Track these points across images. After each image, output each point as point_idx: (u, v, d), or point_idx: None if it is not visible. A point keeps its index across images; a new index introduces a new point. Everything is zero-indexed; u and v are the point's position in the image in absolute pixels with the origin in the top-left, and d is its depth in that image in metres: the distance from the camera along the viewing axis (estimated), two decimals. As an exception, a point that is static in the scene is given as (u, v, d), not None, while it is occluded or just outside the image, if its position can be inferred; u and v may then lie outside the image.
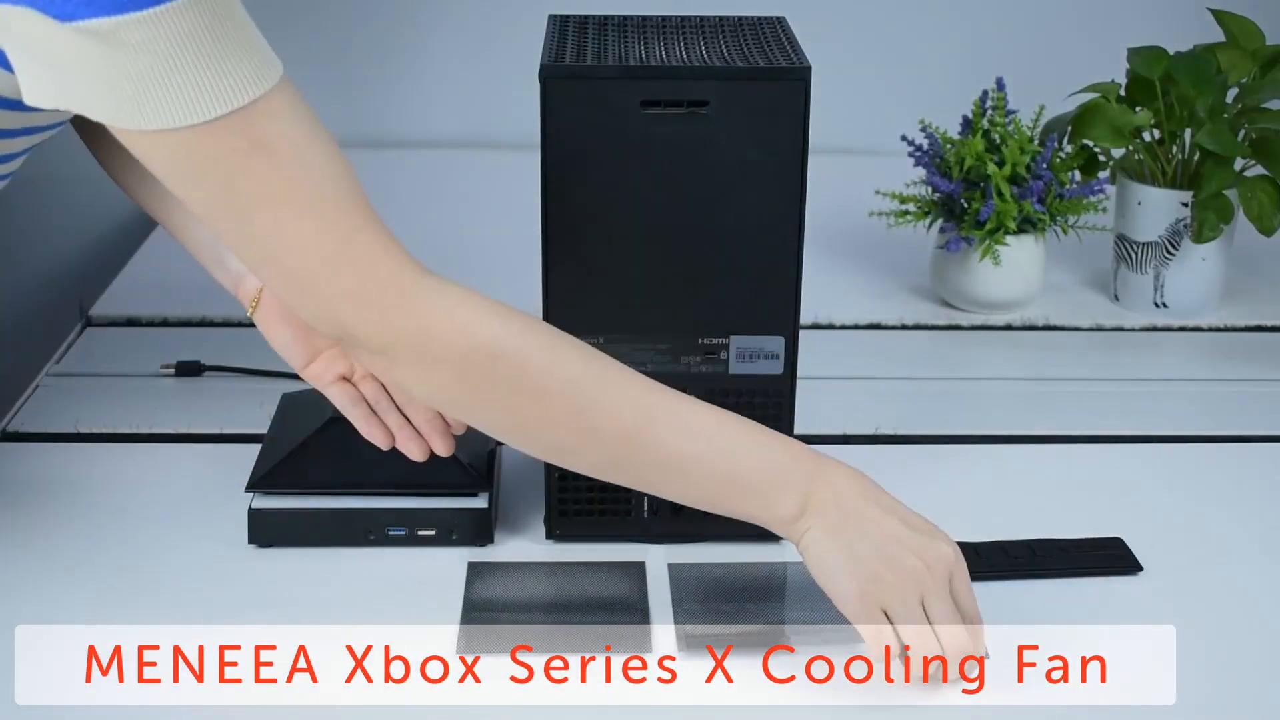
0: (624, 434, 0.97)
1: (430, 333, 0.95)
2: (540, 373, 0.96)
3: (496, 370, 0.96)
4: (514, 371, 0.96)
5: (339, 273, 0.93)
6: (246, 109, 0.89)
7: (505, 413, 0.98)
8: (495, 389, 0.96)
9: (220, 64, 0.88)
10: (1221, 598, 1.11)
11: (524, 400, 0.97)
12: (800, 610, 1.08)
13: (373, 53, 2.03)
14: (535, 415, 0.97)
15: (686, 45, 1.12)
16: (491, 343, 0.95)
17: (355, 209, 0.94)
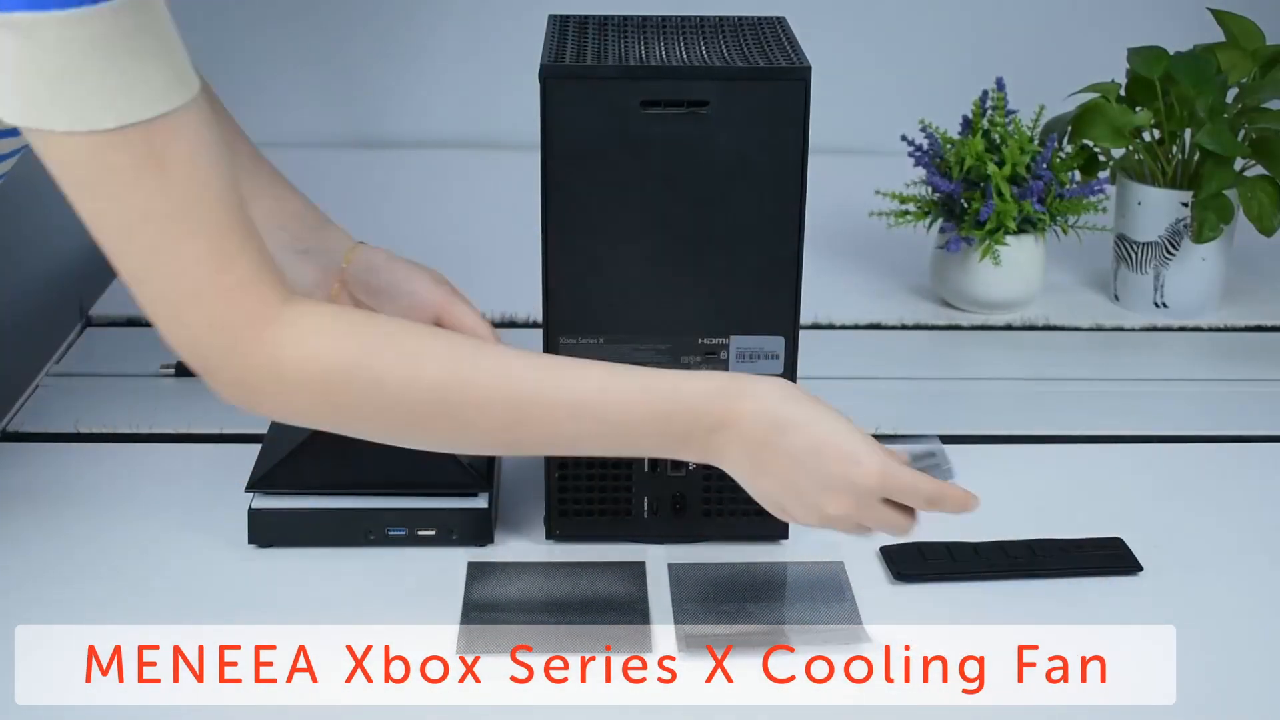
0: (501, 427, 0.97)
1: (283, 362, 0.93)
2: (400, 386, 0.95)
3: (354, 393, 0.95)
4: (372, 392, 0.95)
5: (206, 302, 0.92)
6: (150, 123, 0.87)
7: (377, 429, 0.98)
8: (359, 410, 0.96)
9: (134, 74, 0.86)
10: (1221, 598, 1.11)
11: (392, 415, 0.96)
12: (800, 610, 1.08)
13: (373, 53, 2.03)
14: (407, 425, 0.97)
15: (686, 45, 1.12)
16: (344, 366, 0.94)
17: (235, 239, 0.92)
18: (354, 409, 0.96)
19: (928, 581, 1.11)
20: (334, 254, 1.16)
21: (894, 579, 1.12)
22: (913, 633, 1.05)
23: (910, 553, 1.14)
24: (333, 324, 0.95)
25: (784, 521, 1.12)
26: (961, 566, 1.12)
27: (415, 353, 0.96)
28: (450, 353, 0.97)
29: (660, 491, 1.14)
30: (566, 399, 0.97)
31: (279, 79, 2.03)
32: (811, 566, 1.13)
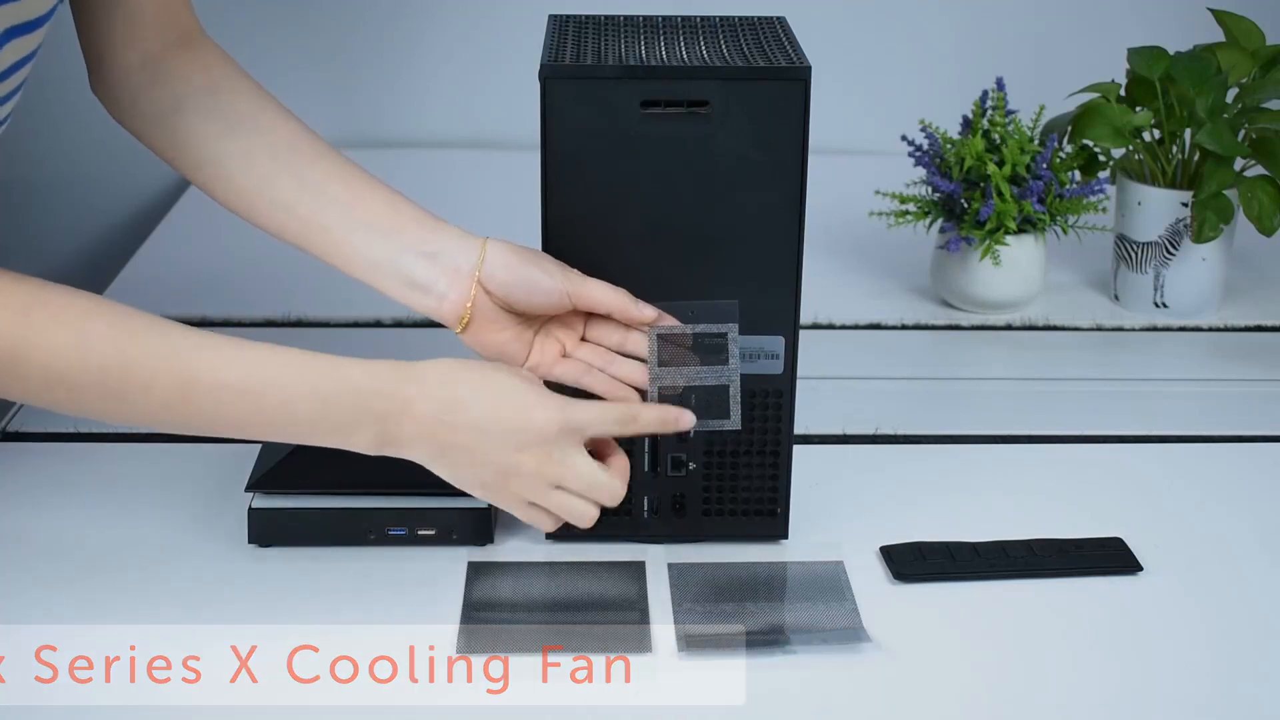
0: (166, 406, 0.98)
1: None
2: (66, 369, 0.96)
3: (23, 374, 0.96)
4: (39, 372, 0.96)
5: None
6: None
7: (51, 404, 0.98)
8: (28, 388, 0.97)
9: None
10: (1221, 598, 1.11)
11: (60, 395, 0.97)
12: (800, 610, 1.08)
13: (372, 53, 2.03)
14: (77, 404, 0.98)
15: (686, 45, 1.12)
16: (11, 348, 0.95)
17: None
18: (27, 386, 0.96)
19: (928, 581, 1.11)
20: (463, 254, 1.09)
21: (894, 579, 1.12)
22: (913, 633, 1.05)
23: (910, 553, 1.14)
24: (9, 300, 0.96)
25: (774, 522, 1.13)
26: (961, 566, 1.12)
27: (82, 332, 0.96)
28: (114, 332, 0.97)
29: (660, 491, 1.14)
30: (227, 380, 0.98)
31: (279, 79, 2.01)
32: (811, 566, 1.13)
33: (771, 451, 1.14)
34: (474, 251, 1.08)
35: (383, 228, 1.10)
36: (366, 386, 0.99)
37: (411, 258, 1.09)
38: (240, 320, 1.51)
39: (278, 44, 2.01)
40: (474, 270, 1.08)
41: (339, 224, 1.10)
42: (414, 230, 1.10)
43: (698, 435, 1.11)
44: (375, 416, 0.99)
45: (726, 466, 1.14)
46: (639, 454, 1.14)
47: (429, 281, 1.08)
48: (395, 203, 1.11)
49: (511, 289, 1.07)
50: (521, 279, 1.07)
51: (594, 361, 1.09)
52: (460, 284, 1.08)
